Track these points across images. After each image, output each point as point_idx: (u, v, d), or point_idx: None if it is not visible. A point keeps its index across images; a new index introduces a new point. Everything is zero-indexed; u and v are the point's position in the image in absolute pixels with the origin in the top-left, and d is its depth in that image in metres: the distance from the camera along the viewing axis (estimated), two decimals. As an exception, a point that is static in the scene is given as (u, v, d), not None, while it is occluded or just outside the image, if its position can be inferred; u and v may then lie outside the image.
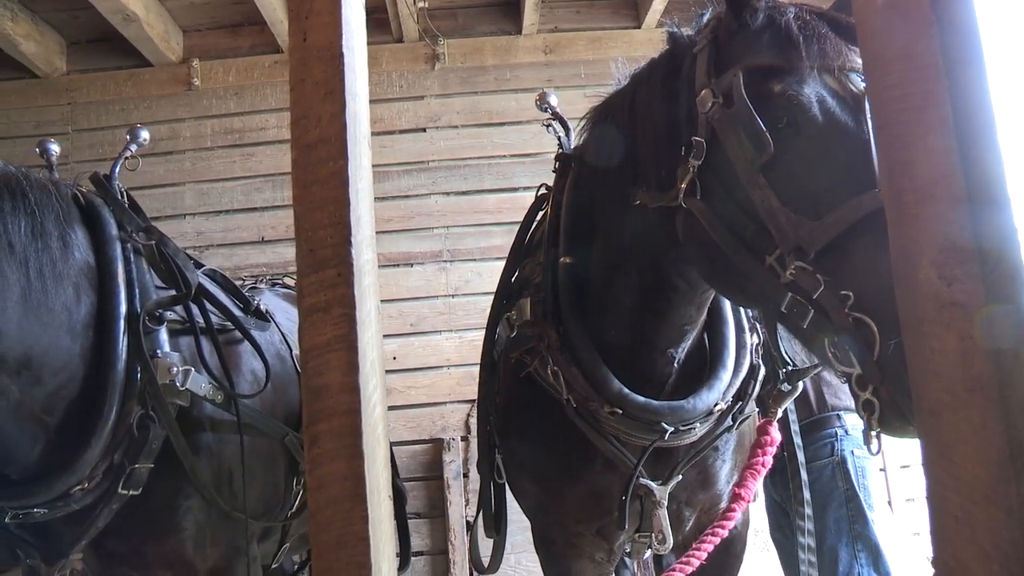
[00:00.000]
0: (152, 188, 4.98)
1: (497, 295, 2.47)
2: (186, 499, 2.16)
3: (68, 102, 5.08)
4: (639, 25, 5.20)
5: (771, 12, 1.73)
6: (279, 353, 2.79)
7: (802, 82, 1.60)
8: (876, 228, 1.40)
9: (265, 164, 5.04)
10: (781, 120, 1.60)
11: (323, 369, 1.11)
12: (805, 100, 1.59)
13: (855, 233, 1.47)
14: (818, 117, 1.58)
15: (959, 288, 1.02)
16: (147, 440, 2.04)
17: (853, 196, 1.47)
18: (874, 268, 1.43)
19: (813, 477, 2.75)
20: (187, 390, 2.11)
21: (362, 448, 1.09)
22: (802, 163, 1.58)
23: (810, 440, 2.89)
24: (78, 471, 1.96)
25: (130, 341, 2.05)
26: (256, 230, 4.99)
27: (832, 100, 1.59)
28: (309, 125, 1.18)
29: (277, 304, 3.39)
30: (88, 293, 2.05)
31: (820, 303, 1.47)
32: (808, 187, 1.57)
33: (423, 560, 4.69)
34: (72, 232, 2.04)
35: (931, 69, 1.06)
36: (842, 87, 1.59)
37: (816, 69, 1.61)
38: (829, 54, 1.61)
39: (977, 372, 0.99)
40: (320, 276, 1.14)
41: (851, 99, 1.57)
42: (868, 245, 1.45)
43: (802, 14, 1.69)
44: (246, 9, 4.76)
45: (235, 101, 5.13)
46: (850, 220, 1.47)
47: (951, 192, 1.04)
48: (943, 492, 1.07)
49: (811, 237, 1.50)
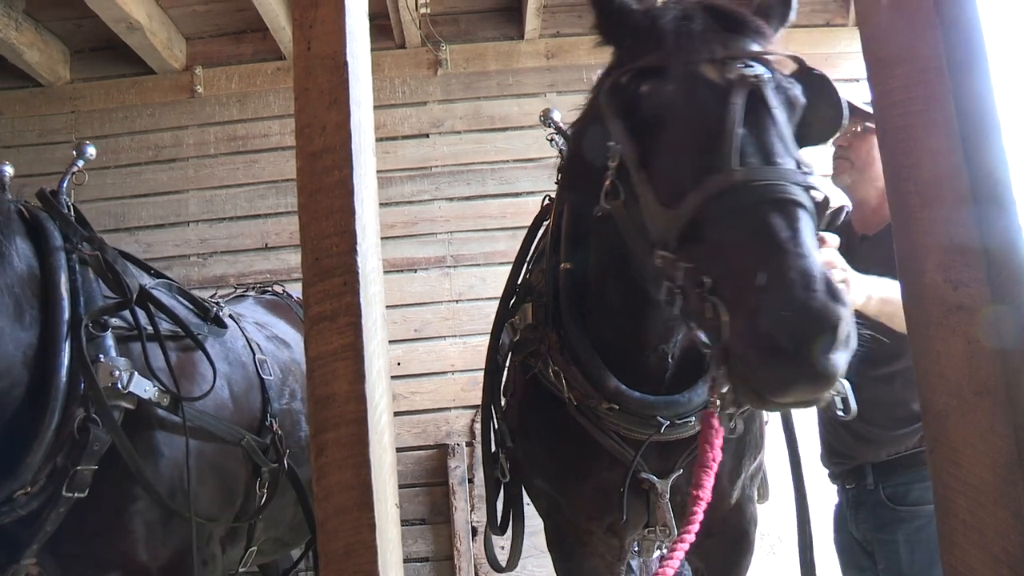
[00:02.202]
0: (156, 196, 5.00)
1: (502, 301, 2.52)
2: (135, 500, 2.20)
3: (72, 110, 5.09)
4: (641, 28, 5.20)
5: (648, 13, 1.83)
6: (239, 359, 2.82)
7: (666, 79, 1.68)
8: (724, 210, 1.49)
9: (268, 171, 5.04)
10: (653, 118, 1.68)
11: (330, 378, 1.11)
12: (668, 96, 1.66)
13: (706, 217, 1.52)
14: (680, 111, 1.64)
15: (965, 292, 1.02)
16: (88, 442, 2.08)
17: (704, 181, 1.53)
18: (723, 251, 1.49)
19: (921, 524, 2.49)
20: (131, 393, 2.15)
21: (369, 457, 1.09)
22: (669, 156, 1.66)
23: (914, 476, 2.53)
24: (21, 476, 2.00)
25: (73, 346, 2.09)
26: (260, 237, 5.00)
27: (694, 92, 1.64)
28: (314, 134, 1.19)
29: (252, 311, 3.43)
30: (31, 303, 2.10)
31: (684, 290, 1.53)
32: (672, 178, 1.63)
33: (428, 566, 4.69)
34: (10, 244, 2.09)
35: (934, 71, 1.06)
36: (708, 78, 1.63)
37: (682, 65, 1.67)
38: (696, 48, 1.67)
39: (984, 375, 0.99)
40: (326, 285, 1.14)
41: (716, 89, 1.61)
42: (718, 228, 1.50)
43: (681, 11, 1.77)
44: (248, 16, 4.78)
45: (238, 108, 5.13)
46: (698, 205, 1.53)
47: (955, 195, 1.04)
48: (950, 496, 1.07)
49: (669, 226, 1.57)
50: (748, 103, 1.58)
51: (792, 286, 1.34)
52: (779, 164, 1.54)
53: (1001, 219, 1.01)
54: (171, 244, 4.91)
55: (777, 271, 1.37)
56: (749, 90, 1.59)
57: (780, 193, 1.48)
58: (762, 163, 1.54)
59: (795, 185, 1.50)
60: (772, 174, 1.51)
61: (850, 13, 5.09)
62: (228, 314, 2.91)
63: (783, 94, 1.67)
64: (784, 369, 1.36)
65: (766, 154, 1.56)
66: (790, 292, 1.34)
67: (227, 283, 4.70)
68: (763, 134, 1.58)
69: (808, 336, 1.31)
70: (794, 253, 1.39)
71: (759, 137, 1.57)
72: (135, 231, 4.92)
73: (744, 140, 1.54)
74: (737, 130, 1.53)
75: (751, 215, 1.47)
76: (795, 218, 1.46)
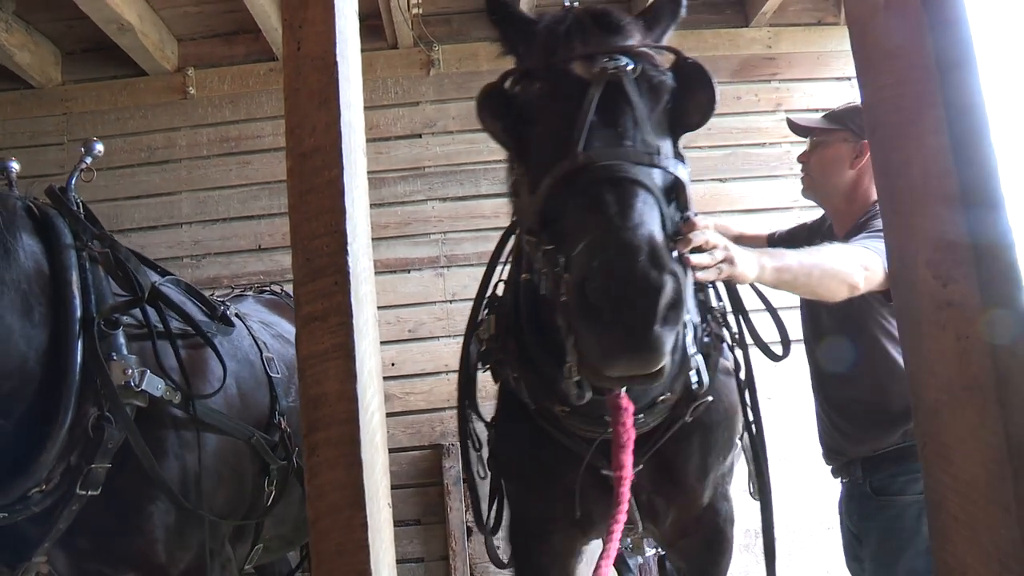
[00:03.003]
0: (148, 197, 4.98)
1: (472, 312, 2.58)
2: (150, 500, 2.19)
3: (63, 112, 5.07)
4: (633, 28, 5.21)
5: (532, 21, 1.97)
6: (247, 357, 2.82)
7: (534, 79, 1.81)
8: (569, 191, 1.58)
9: (261, 172, 5.03)
10: (524, 116, 1.80)
11: (321, 378, 1.11)
12: (535, 94, 1.79)
13: (555, 200, 1.61)
14: (544, 106, 1.77)
15: (955, 288, 1.02)
16: (102, 441, 2.08)
17: (555, 166, 1.61)
18: (567, 229, 1.56)
19: (894, 513, 2.57)
20: (144, 391, 2.15)
21: (361, 456, 1.09)
22: (535, 148, 1.77)
23: (899, 470, 2.58)
24: (35, 474, 2.00)
25: (85, 344, 2.09)
26: (253, 238, 4.99)
27: (557, 88, 1.75)
28: (304, 134, 1.19)
29: (253, 308, 3.43)
30: (40, 300, 2.09)
31: (546, 272, 1.62)
32: (536, 168, 1.73)
33: (423, 566, 4.68)
34: (17, 240, 2.08)
35: (924, 70, 1.07)
36: (572, 74, 1.73)
37: (547, 64, 1.79)
38: (562, 48, 1.79)
39: (974, 371, 1.00)
40: (317, 285, 1.14)
41: (577, 83, 1.70)
42: (564, 209, 1.59)
43: (557, 16, 1.89)
44: (240, 17, 4.76)
45: (230, 109, 5.12)
46: (549, 188, 1.62)
47: (946, 192, 1.04)
48: (942, 492, 1.07)
49: (532, 211, 1.67)
50: (607, 93, 1.66)
51: (613, 257, 1.40)
52: (624, 147, 1.63)
53: (991, 216, 1.02)
54: (164, 246, 4.90)
55: (601, 243, 1.44)
56: (608, 81, 1.67)
57: (616, 172, 1.56)
58: (607, 146, 1.62)
59: (636, 165, 1.59)
60: (613, 155, 1.60)
61: (841, 12, 5.10)
62: (234, 313, 2.91)
63: (647, 83, 1.75)
64: (605, 339, 1.41)
65: (613, 139, 1.64)
66: (610, 262, 1.39)
67: (221, 284, 4.69)
68: (615, 121, 1.66)
69: (625, 304, 1.36)
70: (620, 227, 1.45)
71: (610, 124, 1.66)
72: (128, 232, 4.90)
73: (594, 127, 1.62)
74: (588, 118, 1.61)
75: (588, 194, 1.55)
76: (629, 195, 1.53)
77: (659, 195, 1.60)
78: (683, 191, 1.71)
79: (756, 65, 5.19)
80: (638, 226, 1.46)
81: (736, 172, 5.09)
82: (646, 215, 1.51)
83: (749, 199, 5.04)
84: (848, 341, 2.65)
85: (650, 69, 1.77)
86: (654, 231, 1.48)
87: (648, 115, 1.71)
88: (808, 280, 2.16)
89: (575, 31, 1.82)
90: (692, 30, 5.24)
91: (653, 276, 1.37)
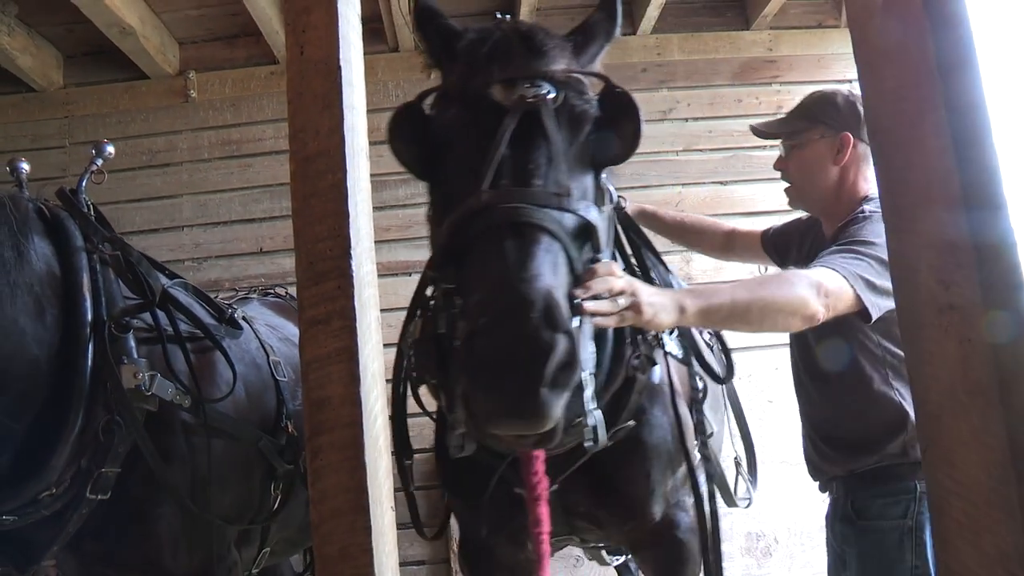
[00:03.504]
0: (150, 200, 4.99)
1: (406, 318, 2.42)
2: (159, 504, 2.19)
3: (65, 115, 5.08)
4: (634, 31, 5.21)
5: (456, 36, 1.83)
6: (255, 360, 2.82)
7: (449, 103, 1.71)
8: (470, 233, 1.48)
9: (263, 175, 5.03)
10: (438, 142, 1.68)
11: (324, 381, 1.12)
12: (449, 120, 1.68)
13: (457, 240, 1.51)
14: (457, 134, 1.65)
15: (957, 292, 1.02)
16: (112, 444, 2.08)
17: (459, 204, 1.52)
18: (465, 273, 1.47)
19: (875, 539, 2.38)
20: (154, 395, 2.15)
21: (364, 460, 1.09)
22: (447, 178, 1.66)
23: (877, 491, 2.39)
24: (46, 477, 2.00)
25: (96, 348, 2.09)
26: (254, 241, 4.99)
27: (470, 116, 1.64)
28: (307, 138, 1.19)
29: (259, 312, 3.43)
30: (52, 302, 2.09)
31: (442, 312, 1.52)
32: (443, 202, 1.64)
33: (425, 569, 4.68)
34: (28, 243, 2.08)
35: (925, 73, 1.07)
36: (489, 101, 1.62)
37: (463, 88, 1.69)
38: (481, 71, 1.67)
39: (977, 376, 1.00)
40: (320, 288, 1.14)
41: (492, 111, 1.60)
42: (464, 250, 1.49)
43: (479, 34, 1.78)
44: (242, 20, 4.77)
45: (232, 112, 5.13)
46: (451, 227, 1.52)
47: (947, 195, 1.04)
48: (945, 496, 1.07)
49: (436, 247, 1.59)
50: (523, 124, 1.57)
51: (502, 314, 1.31)
52: (532, 186, 1.53)
53: (993, 219, 1.02)
54: (165, 248, 4.90)
55: (492, 298, 1.35)
56: (525, 111, 1.57)
57: (519, 216, 1.46)
58: (515, 185, 1.52)
59: (541, 208, 1.49)
60: (520, 196, 1.50)
61: (842, 15, 5.11)
62: (241, 316, 2.91)
63: (567, 113, 1.65)
64: (489, 399, 1.32)
65: (522, 176, 1.54)
66: (498, 319, 1.31)
67: (222, 287, 4.69)
68: (527, 156, 1.57)
69: (510, 366, 1.28)
70: (514, 279, 1.36)
71: (522, 159, 1.56)
72: (129, 236, 4.87)
73: (505, 162, 1.53)
74: (499, 152, 1.52)
75: (488, 237, 1.46)
76: (530, 241, 1.44)
77: (567, 240, 1.51)
78: (595, 234, 1.61)
79: (757, 68, 5.20)
80: (534, 279, 1.37)
81: (737, 175, 5.09)
82: (545, 265, 1.42)
83: (751, 202, 5.04)
84: (828, 361, 2.48)
85: (573, 97, 1.68)
86: (552, 284, 1.39)
87: (566, 149, 1.62)
88: (746, 318, 1.99)
89: (497, 52, 1.71)
90: (693, 33, 5.26)
91: (544, 337, 1.28)
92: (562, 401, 1.34)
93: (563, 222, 1.52)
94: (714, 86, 5.21)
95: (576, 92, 1.69)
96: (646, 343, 2.11)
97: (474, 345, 1.31)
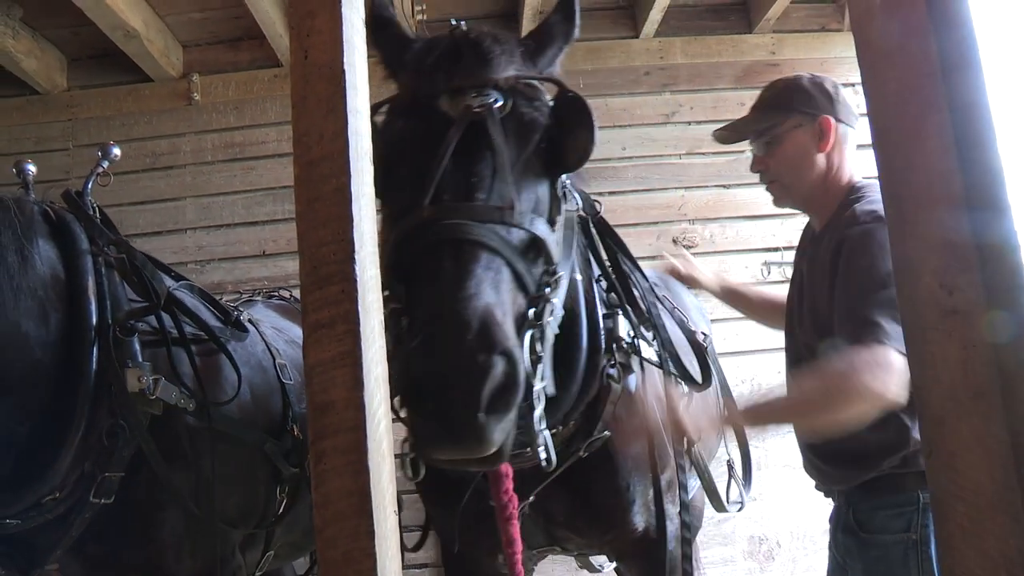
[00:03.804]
0: (153, 203, 5.00)
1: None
2: (163, 508, 2.19)
3: (69, 118, 5.10)
4: (637, 35, 5.22)
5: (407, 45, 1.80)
6: (260, 363, 2.81)
7: (396, 115, 1.67)
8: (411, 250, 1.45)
9: (266, 178, 5.04)
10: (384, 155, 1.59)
11: (328, 385, 1.12)
12: (394, 132, 1.63)
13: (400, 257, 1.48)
14: (402, 147, 1.61)
15: (960, 296, 1.02)
16: (116, 448, 2.08)
17: (402, 219, 1.49)
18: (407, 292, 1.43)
19: (878, 554, 2.25)
20: (158, 399, 2.14)
21: (367, 464, 1.09)
22: (394, 193, 1.60)
23: (879, 503, 2.27)
24: (50, 480, 1.99)
25: (100, 351, 2.09)
26: (257, 244, 5.00)
27: (415, 127, 1.60)
28: (311, 142, 1.19)
29: (265, 314, 3.43)
30: (56, 306, 2.08)
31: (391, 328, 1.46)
32: (390, 217, 1.60)
33: (428, 572, 4.68)
34: (33, 247, 2.07)
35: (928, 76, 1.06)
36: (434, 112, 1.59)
37: (410, 99, 1.66)
38: (427, 81, 1.63)
39: (980, 379, 0.99)
40: (324, 293, 1.14)
41: (437, 122, 1.57)
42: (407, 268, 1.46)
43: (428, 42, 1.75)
44: (245, 23, 4.78)
45: (235, 115, 5.14)
46: (394, 244, 1.48)
47: (950, 198, 1.04)
48: (948, 501, 1.07)
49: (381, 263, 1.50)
50: (468, 135, 1.53)
51: (436, 335, 1.28)
52: (476, 201, 1.49)
53: (996, 222, 1.01)
54: (168, 251, 4.90)
55: (428, 318, 1.32)
56: (471, 121, 1.54)
57: (460, 233, 1.43)
58: (457, 200, 1.49)
59: (483, 224, 1.45)
60: (461, 213, 1.46)
61: (845, 18, 5.11)
62: (247, 319, 2.91)
63: (515, 122, 1.61)
64: (427, 424, 1.29)
65: (465, 191, 1.51)
66: (432, 341, 1.28)
67: (225, 290, 4.69)
68: (471, 168, 1.53)
69: (446, 390, 1.25)
70: (450, 299, 1.33)
71: (466, 172, 1.53)
72: (132, 238, 4.84)
73: (448, 176, 1.50)
74: (442, 165, 1.49)
75: (428, 255, 1.43)
76: (470, 259, 1.40)
77: (511, 256, 1.47)
78: (544, 247, 1.56)
79: (759, 71, 5.20)
80: (470, 299, 1.33)
81: (740, 178, 5.08)
82: (484, 283, 1.38)
83: (753, 205, 5.04)
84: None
85: (522, 105, 1.63)
86: (490, 303, 1.35)
87: (514, 160, 1.57)
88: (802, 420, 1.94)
89: (443, 60, 1.66)
90: (696, 36, 5.27)
91: (478, 359, 1.25)
92: (503, 424, 1.31)
93: (506, 237, 1.47)
94: (717, 90, 5.22)
95: (526, 99, 1.65)
96: (622, 351, 2.08)
97: (410, 368, 1.28)
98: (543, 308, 1.51)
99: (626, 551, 2.32)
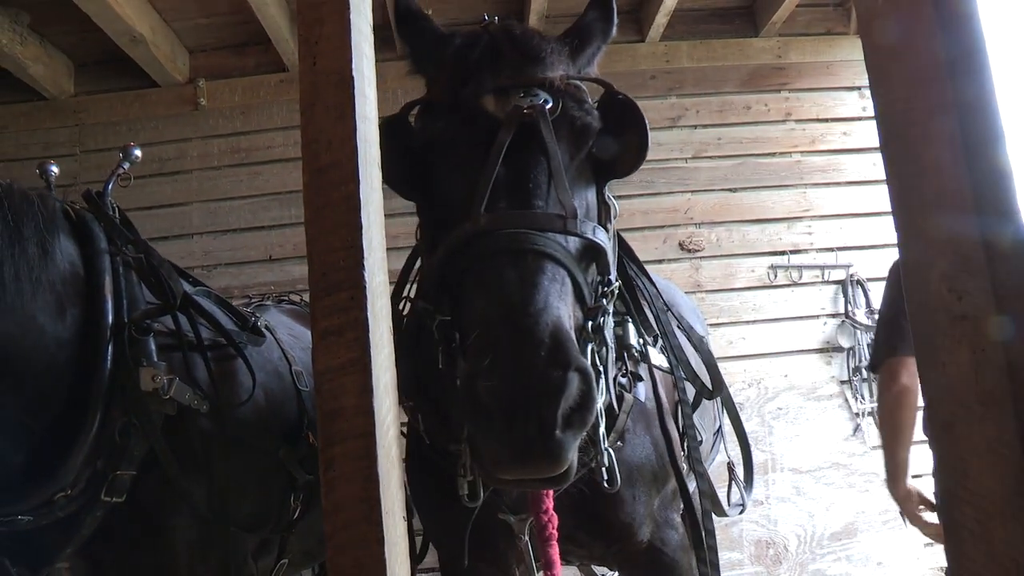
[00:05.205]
0: (159, 208, 5.01)
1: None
2: (173, 511, 2.18)
3: (76, 123, 5.12)
4: (643, 39, 5.22)
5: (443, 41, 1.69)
6: (276, 369, 2.81)
7: (438, 115, 1.58)
8: (467, 261, 1.37)
9: (272, 182, 5.06)
10: (427, 157, 1.56)
11: (337, 392, 1.12)
12: (438, 134, 1.55)
13: (452, 268, 1.41)
14: (448, 150, 1.54)
15: (969, 301, 1.02)
16: (129, 447, 2.08)
17: (454, 228, 1.41)
18: (464, 305, 1.37)
19: None
20: (172, 399, 2.14)
21: (377, 471, 1.09)
22: (436, 201, 1.54)
23: None
24: (61, 478, 1.99)
25: (115, 349, 2.09)
26: (264, 248, 5.01)
27: (461, 129, 1.52)
28: (320, 149, 1.19)
29: (280, 320, 3.42)
30: (74, 303, 2.08)
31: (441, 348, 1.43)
32: (436, 226, 1.53)
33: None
34: (55, 241, 2.08)
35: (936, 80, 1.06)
36: (481, 112, 1.51)
37: (453, 99, 1.56)
38: (472, 80, 1.55)
39: (990, 385, 0.99)
40: (333, 299, 1.14)
41: (485, 124, 1.49)
42: (461, 280, 1.39)
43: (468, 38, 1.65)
44: (251, 29, 4.80)
45: (241, 120, 5.16)
46: (446, 254, 1.41)
47: (959, 203, 1.04)
48: (958, 506, 1.06)
49: (429, 275, 1.46)
50: (519, 138, 1.45)
51: (508, 354, 1.22)
52: (534, 209, 1.42)
53: (1005, 227, 1.01)
54: (175, 256, 4.86)
55: (495, 336, 1.25)
56: (521, 123, 1.45)
57: (520, 242, 1.35)
58: (514, 207, 1.42)
59: (543, 233, 1.38)
60: (520, 221, 1.38)
61: (851, 22, 5.11)
62: (264, 324, 2.90)
63: (567, 125, 1.53)
64: (499, 444, 1.23)
65: (521, 197, 1.43)
66: (504, 361, 1.21)
67: (232, 295, 4.70)
68: (526, 174, 1.45)
69: (520, 411, 1.19)
70: (519, 314, 1.26)
71: (521, 178, 1.45)
72: (139, 243, 4.93)
73: (502, 182, 1.42)
74: (495, 171, 1.40)
75: (487, 267, 1.35)
76: (533, 271, 1.33)
77: (573, 266, 1.40)
78: (603, 256, 1.50)
79: (766, 75, 5.20)
80: (540, 312, 1.26)
81: (746, 182, 5.09)
82: (552, 296, 1.31)
83: (759, 208, 5.04)
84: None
85: (573, 107, 1.55)
86: (560, 317, 1.29)
87: (567, 165, 1.49)
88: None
89: (487, 58, 1.57)
90: (701, 40, 5.27)
91: (555, 377, 1.20)
92: (577, 442, 1.27)
93: (568, 247, 1.42)
94: (723, 93, 5.22)
95: (574, 101, 1.58)
96: (632, 359, 2.03)
97: (477, 388, 1.22)
98: (601, 319, 1.47)
99: (631, 561, 2.28)
